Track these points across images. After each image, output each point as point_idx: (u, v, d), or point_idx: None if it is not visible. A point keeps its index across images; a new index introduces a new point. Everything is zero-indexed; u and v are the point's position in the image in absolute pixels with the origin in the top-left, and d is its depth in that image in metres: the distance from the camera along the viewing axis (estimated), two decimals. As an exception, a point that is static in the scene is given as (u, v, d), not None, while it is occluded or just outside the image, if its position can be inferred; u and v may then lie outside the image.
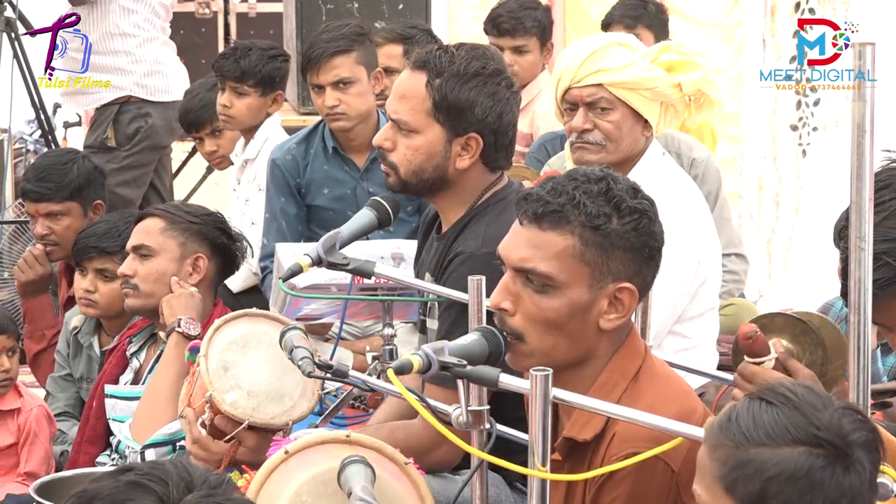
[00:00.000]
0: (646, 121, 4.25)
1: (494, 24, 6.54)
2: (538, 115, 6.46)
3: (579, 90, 4.24)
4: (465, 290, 3.01)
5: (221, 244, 4.44)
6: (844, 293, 2.57)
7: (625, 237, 2.80)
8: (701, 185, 5.07)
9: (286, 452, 2.69)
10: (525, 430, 2.58)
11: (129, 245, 4.43)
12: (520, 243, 2.83)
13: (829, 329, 3.09)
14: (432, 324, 3.67)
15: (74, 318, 5.06)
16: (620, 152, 4.24)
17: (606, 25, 6.64)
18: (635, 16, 6.56)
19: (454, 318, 3.49)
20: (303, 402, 3.52)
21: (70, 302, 5.47)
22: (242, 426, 3.45)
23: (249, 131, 5.95)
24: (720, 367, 4.23)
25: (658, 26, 6.56)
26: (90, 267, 4.91)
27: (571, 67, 4.24)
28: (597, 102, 4.22)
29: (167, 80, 6.72)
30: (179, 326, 4.15)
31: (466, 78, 3.57)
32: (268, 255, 5.24)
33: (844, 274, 2.59)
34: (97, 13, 6.69)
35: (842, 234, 2.52)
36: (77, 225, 5.37)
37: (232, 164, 6.03)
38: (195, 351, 3.61)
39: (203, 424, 3.50)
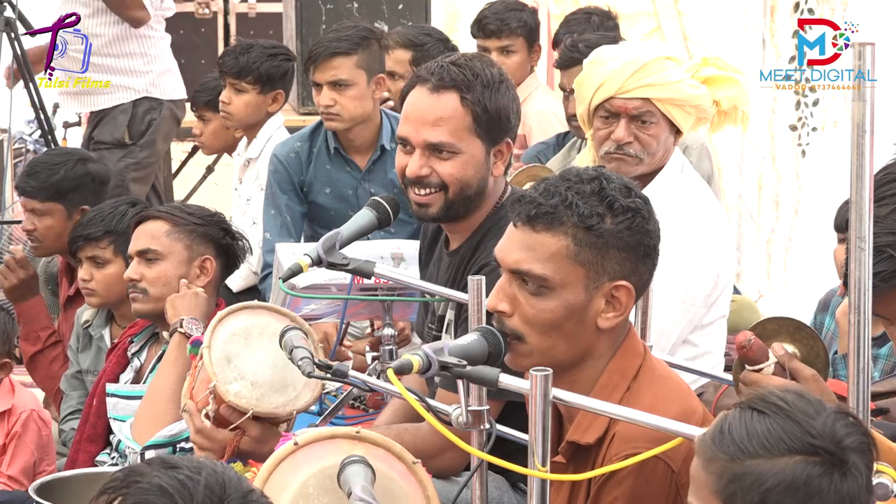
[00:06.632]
0: (677, 130, 4.22)
1: (480, 27, 6.56)
2: (530, 116, 6.46)
3: (624, 101, 4.14)
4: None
5: (225, 244, 4.43)
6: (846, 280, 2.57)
7: (619, 236, 2.80)
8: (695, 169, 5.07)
9: (295, 444, 2.69)
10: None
11: (132, 249, 4.39)
12: (514, 246, 2.83)
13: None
14: (448, 340, 3.64)
15: (86, 312, 5.04)
16: (655, 164, 4.19)
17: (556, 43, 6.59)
18: (579, 31, 6.46)
19: None
20: (306, 393, 3.53)
21: (70, 301, 5.46)
22: (247, 416, 3.46)
23: (251, 130, 5.96)
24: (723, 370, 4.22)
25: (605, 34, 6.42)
26: (83, 256, 4.89)
27: (619, 77, 4.14)
28: (641, 115, 4.14)
29: (176, 78, 6.74)
30: (181, 327, 4.14)
31: (495, 86, 3.57)
32: (272, 251, 5.22)
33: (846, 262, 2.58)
34: (111, 16, 6.66)
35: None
36: (58, 227, 5.31)
37: (221, 157, 6.03)
38: (197, 344, 3.62)
39: (207, 416, 3.51)
